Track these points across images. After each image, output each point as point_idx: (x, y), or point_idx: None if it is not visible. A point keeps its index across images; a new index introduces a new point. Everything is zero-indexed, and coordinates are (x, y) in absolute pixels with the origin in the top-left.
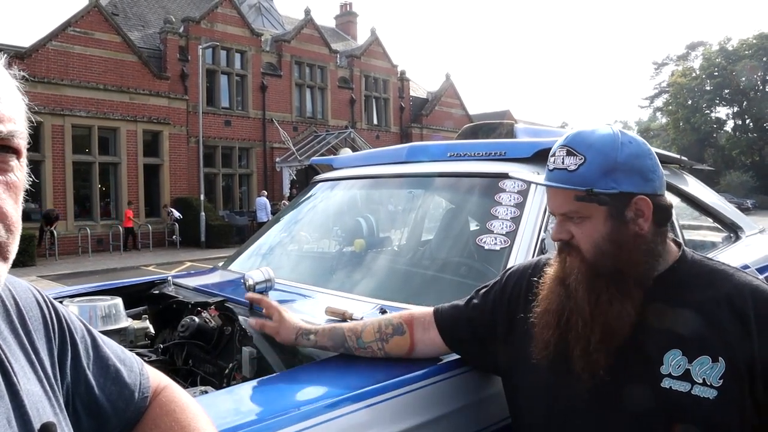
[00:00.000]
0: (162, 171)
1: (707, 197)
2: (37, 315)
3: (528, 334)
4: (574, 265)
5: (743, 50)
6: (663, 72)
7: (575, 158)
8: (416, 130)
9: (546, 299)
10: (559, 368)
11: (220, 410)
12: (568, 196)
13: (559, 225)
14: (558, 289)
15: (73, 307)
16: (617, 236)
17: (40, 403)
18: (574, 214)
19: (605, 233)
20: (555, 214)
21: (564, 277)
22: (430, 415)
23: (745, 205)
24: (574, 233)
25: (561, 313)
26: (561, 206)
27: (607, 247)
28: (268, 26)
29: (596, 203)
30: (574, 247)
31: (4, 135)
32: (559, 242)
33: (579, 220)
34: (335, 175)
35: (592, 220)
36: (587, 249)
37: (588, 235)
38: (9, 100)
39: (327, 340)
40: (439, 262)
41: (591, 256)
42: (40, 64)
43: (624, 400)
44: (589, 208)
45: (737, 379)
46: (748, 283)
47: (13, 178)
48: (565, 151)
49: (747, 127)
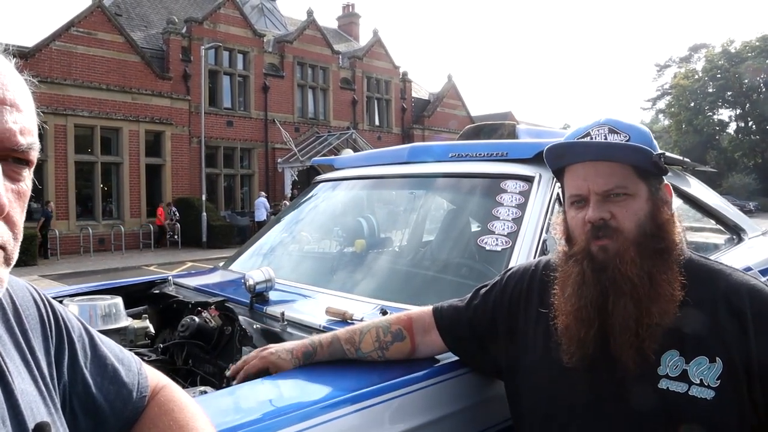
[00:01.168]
0: (164, 171)
1: (710, 199)
2: (34, 314)
3: (533, 337)
4: (616, 246)
5: (746, 52)
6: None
7: (619, 136)
8: (418, 131)
9: (576, 295)
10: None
11: (219, 410)
12: (615, 171)
13: (598, 205)
14: (593, 277)
15: (73, 306)
16: (659, 216)
17: (35, 402)
18: (621, 191)
19: (648, 212)
20: (591, 194)
21: (600, 262)
22: (428, 417)
23: (748, 208)
24: (615, 213)
25: (602, 303)
26: (607, 182)
27: (650, 227)
28: (270, 27)
29: (641, 176)
30: (613, 228)
31: (24, 148)
32: (595, 226)
33: (622, 198)
34: (336, 175)
35: (635, 199)
36: (631, 228)
37: (633, 213)
38: (30, 113)
39: (326, 356)
40: (440, 262)
41: (635, 235)
42: (43, 64)
43: (622, 400)
44: (635, 185)
45: (735, 380)
46: (745, 282)
47: (24, 187)
48: (606, 129)
49: (750, 129)
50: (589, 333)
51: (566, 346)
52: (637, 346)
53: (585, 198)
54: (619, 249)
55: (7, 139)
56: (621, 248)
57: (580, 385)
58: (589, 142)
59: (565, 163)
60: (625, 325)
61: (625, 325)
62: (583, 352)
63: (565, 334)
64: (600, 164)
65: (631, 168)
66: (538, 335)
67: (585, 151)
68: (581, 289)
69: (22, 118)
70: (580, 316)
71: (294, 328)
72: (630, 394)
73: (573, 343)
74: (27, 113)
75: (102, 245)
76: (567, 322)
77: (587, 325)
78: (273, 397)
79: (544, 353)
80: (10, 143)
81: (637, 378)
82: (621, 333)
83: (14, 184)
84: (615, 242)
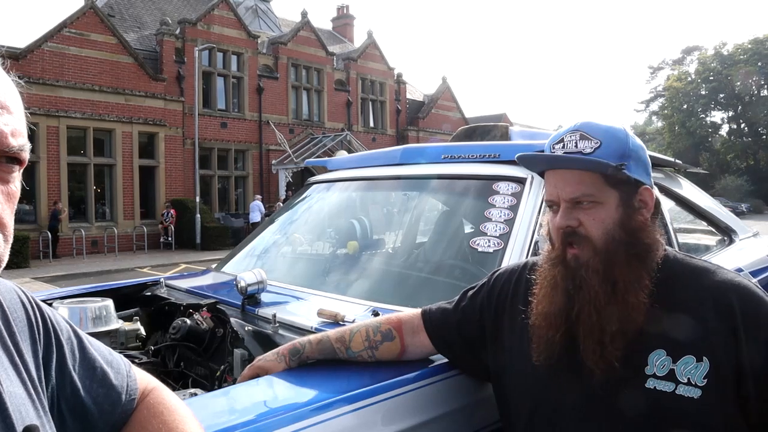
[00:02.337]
0: (157, 173)
1: (702, 201)
2: (21, 316)
3: (518, 337)
4: (584, 255)
5: (738, 55)
6: (659, 76)
7: (590, 142)
8: (412, 133)
9: (548, 298)
10: (561, 368)
11: (212, 412)
12: (584, 179)
13: (566, 212)
14: (563, 284)
15: (64, 308)
16: (629, 223)
17: (23, 405)
18: (587, 199)
19: (617, 219)
20: (561, 201)
21: (570, 269)
22: (420, 419)
23: (740, 209)
24: (583, 221)
25: (569, 309)
26: (574, 190)
27: (619, 234)
28: (264, 28)
29: (611, 184)
30: (582, 236)
31: (15, 149)
32: (563, 232)
33: (590, 206)
34: (330, 176)
35: (604, 206)
36: (598, 236)
37: (600, 221)
38: (21, 114)
39: (316, 353)
40: (432, 264)
41: (602, 243)
42: (35, 65)
43: (609, 401)
44: (603, 193)
45: (722, 379)
46: (729, 280)
47: (14, 188)
48: (578, 136)
49: (742, 131)
50: (556, 336)
51: (535, 345)
52: (599, 353)
53: (557, 204)
54: (586, 258)
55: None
56: (587, 257)
57: (567, 386)
58: (549, 155)
59: (538, 170)
60: (589, 332)
61: (588, 332)
62: (550, 353)
63: (534, 334)
64: (568, 172)
65: (599, 175)
66: (523, 334)
67: (551, 162)
68: (552, 293)
69: (12, 120)
70: (548, 319)
71: (286, 330)
72: (617, 394)
73: (541, 343)
74: (17, 115)
75: (95, 247)
76: (537, 323)
77: (554, 328)
78: (265, 398)
79: (526, 351)
80: (2, 145)
81: (624, 378)
82: (585, 339)
83: (4, 185)
84: (583, 250)
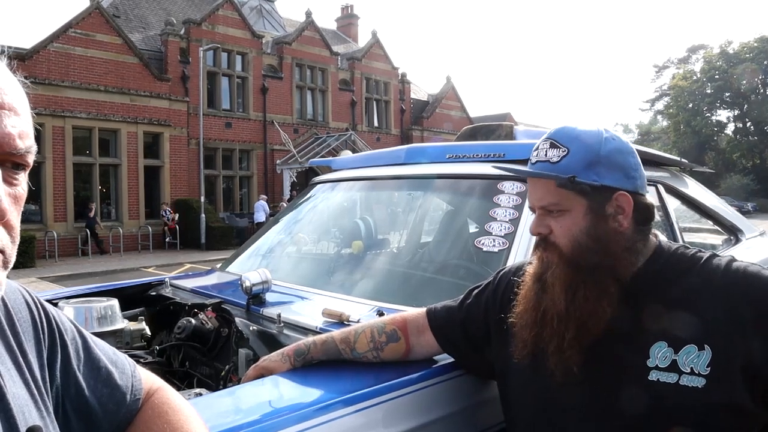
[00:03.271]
0: (162, 173)
1: (707, 200)
2: (26, 316)
3: (512, 335)
4: (552, 260)
5: (744, 53)
6: (664, 75)
7: (558, 150)
8: (417, 133)
9: (524, 298)
10: (538, 367)
11: (217, 412)
12: (549, 188)
13: (538, 219)
14: (535, 286)
15: (69, 308)
16: (596, 231)
17: (27, 406)
18: (554, 207)
19: (584, 227)
20: (535, 208)
21: (541, 273)
22: (424, 419)
23: (746, 208)
24: (553, 228)
25: (538, 310)
26: (541, 198)
27: (585, 242)
28: (269, 28)
29: (577, 192)
30: (551, 242)
31: (23, 152)
32: (537, 238)
33: (558, 214)
34: (334, 176)
35: (571, 214)
36: (565, 243)
37: (567, 229)
38: (27, 116)
39: (321, 354)
40: (437, 264)
41: (568, 250)
42: (40, 65)
43: (612, 396)
44: (569, 201)
45: (726, 365)
46: (725, 266)
47: (20, 191)
48: (548, 144)
49: (748, 130)
50: (531, 335)
51: (514, 343)
52: (559, 357)
53: (533, 210)
54: (555, 262)
55: (6, 144)
56: (556, 262)
57: (569, 383)
58: (508, 167)
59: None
60: (550, 335)
61: (550, 336)
62: (526, 351)
63: (515, 331)
64: (537, 181)
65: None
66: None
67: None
68: (528, 294)
69: (20, 122)
70: (523, 317)
71: (290, 330)
72: (621, 390)
73: (519, 341)
74: (24, 117)
75: (100, 247)
76: (516, 321)
77: (528, 328)
78: (270, 398)
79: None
80: (9, 147)
81: (626, 372)
82: (548, 342)
83: (11, 188)
84: (551, 256)
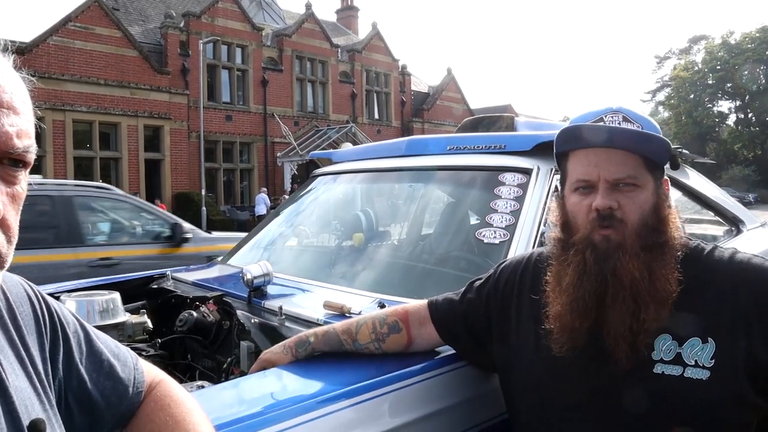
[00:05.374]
0: (163, 166)
1: (709, 191)
2: (28, 310)
3: (526, 329)
4: (621, 239)
5: (746, 44)
6: (665, 66)
7: (633, 125)
8: (417, 125)
9: (576, 284)
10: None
11: (219, 404)
12: (628, 161)
13: (606, 192)
14: (595, 268)
15: (71, 301)
16: (661, 211)
17: (29, 399)
18: (630, 181)
19: (653, 205)
20: (605, 180)
21: (602, 252)
22: (426, 410)
23: (747, 200)
24: (623, 204)
25: (601, 295)
26: (618, 171)
27: (653, 221)
28: (269, 21)
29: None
30: (618, 219)
31: (21, 151)
32: (601, 215)
33: (631, 189)
34: (334, 169)
35: (644, 191)
36: (635, 221)
37: (639, 206)
38: (28, 114)
39: (323, 346)
40: (438, 256)
41: (638, 228)
42: (40, 59)
43: (618, 390)
44: (644, 177)
45: (728, 358)
46: (728, 258)
47: (19, 190)
48: (620, 117)
49: (749, 121)
50: (584, 324)
51: (557, 336)
52: (630, 341)
53: (593, 185)
54: (622, 240)
55: (3, 143)
56: (625, 240)
57: (576, 374)
58: (615, 127)
59: (577, 146)
60: (621, 318)
61: (620, 319)
62: (575, 343)
63: (557, 323)
64: (613, 152)
65: (641, 159)
66: (529, 324)
67: (608, 136)
68: (581, 279)
69: (19, 121)
70: (576, 306)
71: (292, 322)
72: (626, 382)
73: (565, 333)
74: (24, 115)
75: None
76: (560, 311)
77: (582, 316)
78: (273, 390)
79: (535, 342)
80: (7, 146)
81: (632, 365)
82: (616, 326)
83: (9, 187)
84: (618, 233)
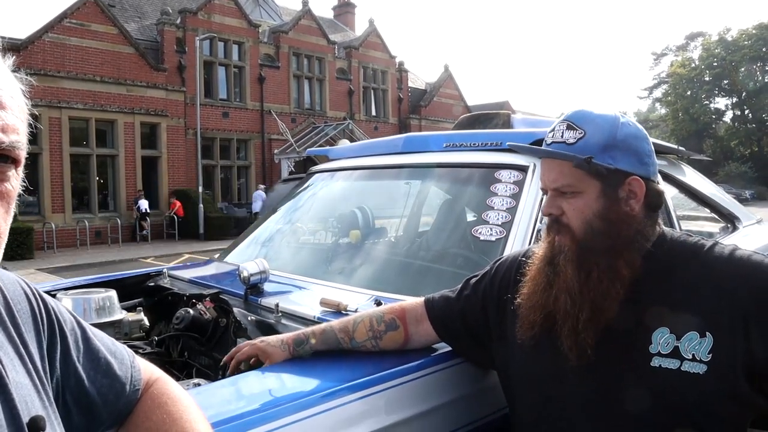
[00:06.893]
0: (160, 163)
1: (705, 188)
2: (25, 308)
3: (516, 321)
4: (564, 242)
5: (743, 41)
6: (662, 62)
7: (575, 132)
8: (415, 122)
9: (533, 280)
10: (544, 350)
11: (218, 401)
12: (564, 169)
13: (550, 200)
14: (546, 268)
15: (67, 299)
16: (608, 214)
17: (29, 396)
18: (567, 189)
19: (597, 210)
20: (548, 189)
21: (552, 255)
22: (424, 407)
23: (744, 196)
24: (565, 209)
25: (549, 293)
26: (555, 179)
27: (597, 224)
28: (265, 17)
29: (592, 174)
30: (564, 224)
31: (5, 145)
32: (549, 219)
33: (571, 195)
34: (331, 166)
35: (584, 196)
36: (577, 226)
37: (580, 211)
38: (17, 109)
39: (320, 344)
40: (435, 253)
41: (581, 233)
42: (36, 56)
43: (614, 381)
44: (583, 183)
45: (726, 353)
46: (728, 254)
47: (8, 187)
48: (565, 126)
49: (746, 117)
50: (539, 316)
51: (519, 325)
52: (574, 339)
53: (545, 191)
54: (564, 245)
55: None
56: (566, 245)
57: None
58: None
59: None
60: (564, 318)
61: (563, 318)
62: (532, 332)
63: (522, 312)
64: (552, 161)
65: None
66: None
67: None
68: (536, 276)
69: (5, 115)
70: (530, 300)
71: (288, 320)
72: (621, 375)
73: (525, 323)
74: (12, 110)
75: (98, 238)
76: (522, 303)
77: (536, 309)
78: (271, 387)
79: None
80: None
81: (629, 357)
82: (561, 324)
83: None
84: (564, 237)
